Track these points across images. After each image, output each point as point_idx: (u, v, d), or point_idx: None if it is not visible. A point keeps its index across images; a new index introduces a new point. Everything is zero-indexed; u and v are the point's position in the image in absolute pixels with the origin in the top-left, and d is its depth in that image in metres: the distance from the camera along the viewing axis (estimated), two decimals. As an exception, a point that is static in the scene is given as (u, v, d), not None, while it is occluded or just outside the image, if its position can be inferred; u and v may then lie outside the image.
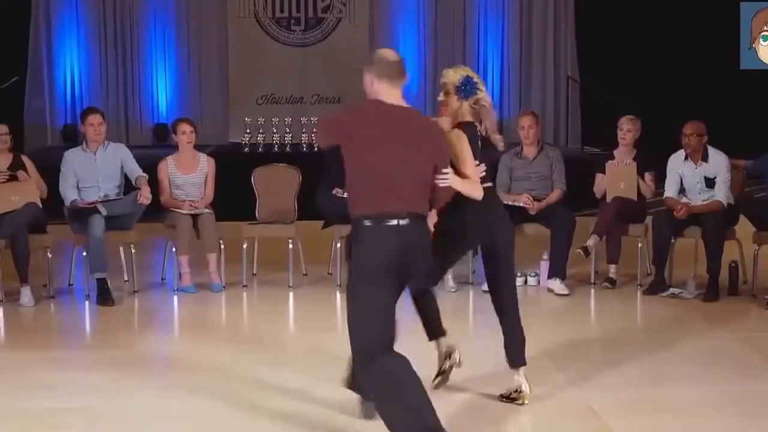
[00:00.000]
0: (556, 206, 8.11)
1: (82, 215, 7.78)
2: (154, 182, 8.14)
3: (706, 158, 7.83)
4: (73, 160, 8.04)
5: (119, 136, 13.74)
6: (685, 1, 13.75)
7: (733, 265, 7.83)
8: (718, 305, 7.52)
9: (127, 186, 8.15)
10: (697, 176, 7.86)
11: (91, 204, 7.78)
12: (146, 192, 7.83)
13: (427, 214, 4.45)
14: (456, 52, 15.16)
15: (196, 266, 8.15)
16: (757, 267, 7.75)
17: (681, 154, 7.94)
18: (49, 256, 7.87)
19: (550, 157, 8.30)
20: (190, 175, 8.26)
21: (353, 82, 15.97)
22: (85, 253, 7.78)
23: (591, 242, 7.90)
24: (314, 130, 3.98)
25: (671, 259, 7.95)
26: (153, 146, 14.17)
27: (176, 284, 8.07)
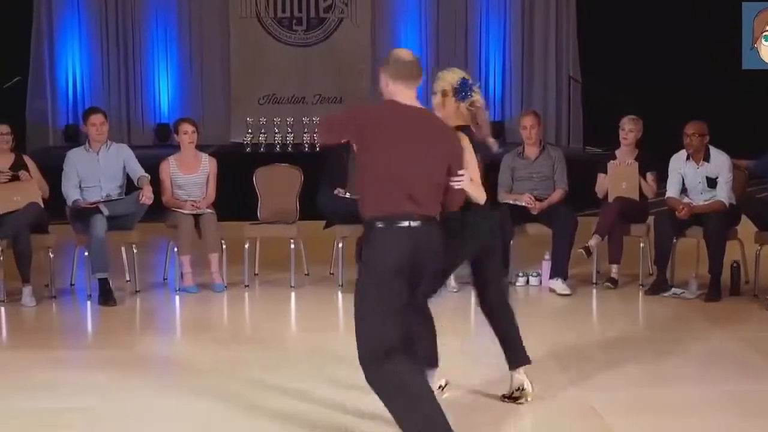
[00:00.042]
0: (557, 206, 8.11)
1: (84, 215, 7.78)
2: (155, 182, 8.14)
3: (707, 158, 7.82)
4: (76, 159, 8.04)
5: (121, 136, 13.73)
6: (686, 1, 13.74)
7: (734, 265, 7.82)
8: (719, 305, 7.51)
9: (129, 186, 8.15)
10: (699, 176, 7.85)
11: (93, 204, 7.78)
12: (148, 192, 7.82)
13: (438, 217, 4.37)
14: (458, 52, 15.15)
15: (197, 266, 8.15)
16: (758, 267, 7.74)
17: (683, 154, 7.93)
18: (51, 256, 7.87)
19: (551, 157, 8.30)
20: (191, 175, 8.26)
21: (355, 82, 15.94)
22: (86, 253, 7.78)
23: (593, 242, 7.90)
24: (318, 125, 3.87)
25: (673, 259, 7.94)
26: (155, 146, 14.16)
27: (178, 284, 8.08)
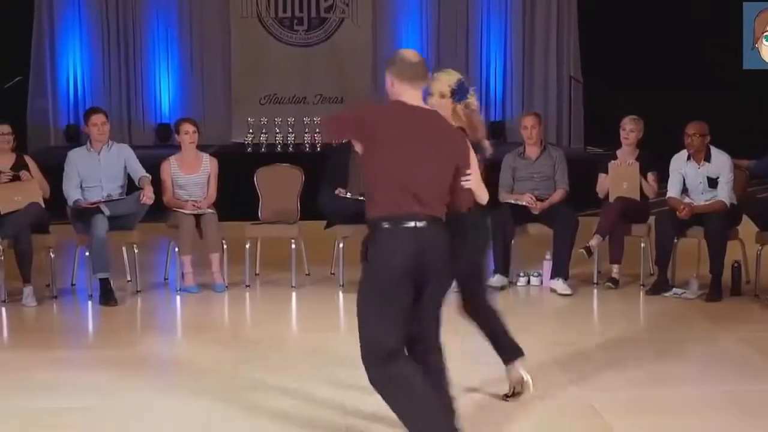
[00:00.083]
0: (558, 206, 8.11)
1: (85, 215, 7.79)
2: (156, 182, 8.14)
3: (708, 158, 7.82)
4: (77, 159, 8.04)
5: (122, 136, 13.70)
6: (687, 1, 13.73)
7: (735, 265, 7.82)
8: (720, 305, 7.51)
9: (130, 186, 8.16)
10: (700, 176, 7.85)
11: (94, 204, 7.78)
12: (149, 192, 7.82)
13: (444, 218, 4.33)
14: (459, 52, 15.15)
15: (198, 266, 8.15)
16: (759, 267, 7.74)
17: (684, 154, 7.93)
18: (52, 256, 7.88)
19: (552, 157, 8.29)
20: (192, 175, 8.26)
21: (356, 82, 15.92)
22: (87, 253, 7.78)
23: (594, 242, 7.90)
24: (322, 122, 3.84)
25: (674, 259, 7.94)
26: (155, 146, 14.14)
27: (179, 284, 8.08)
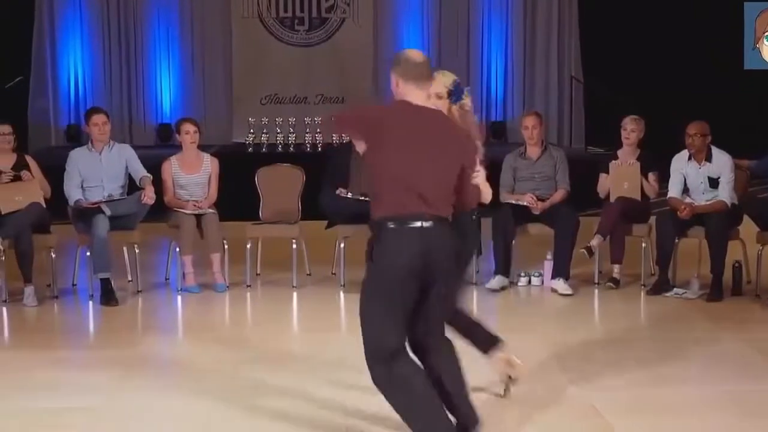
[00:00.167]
0: (559, 206, 8.11)
1: (86, 215, 7.79)
2: (157, 182, 8.14)
3: (709, 158, 7.82)
4: (79, 159, 8.05)
5: (123, 136, 13.71)
6: (688, 2, 13.73)
7: (736, 265, 7.81)
8: (721, 305, 7.51)
9: (131, 186, 8.16)
10: (701, 176, 7.85)
11: (95, 204, 7.78)
12: (150, 192, 7.83)
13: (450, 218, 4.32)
14: (460, 52, 15.15)
15: (199, 266, 8.15)
16: (760, 267, 7.74)
17: (685, 154, 7.93)
18: (53, 256, 7.88)
19: (553, 157, 8.29)
20: (193, 175, 8.26)
21: (357, 82, 15.90)
22: (88, 253, 7.79)
23: (595, 242, 7.89)
24: (327, 119, 3.84)
25: (675, 259, 7.94)
26: (156, 146, 14.15)
27: (180, 284, 8.08)
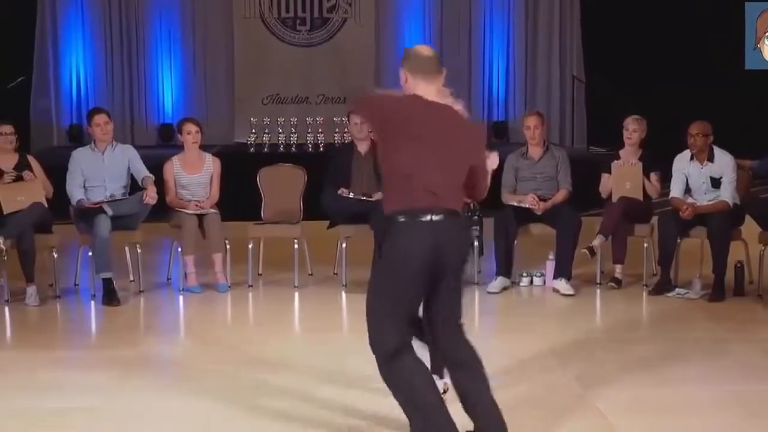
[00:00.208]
0: (561, 206, 8.10)
1: (88, 215, 7.79)
2: (159, 182, 8.15)
3: (711, 158, 7.82)
4: (81, 159, 8.05)
5: (124, 136, 13.72)
6: (689, 2, 13.72)
7: (738, 265, 7.81)
8: (723, 305, 7.50)
9: (133, 186, 8.16)
10: (703, 176, 7.84)
11: (97, 204, 7.79)
12: (152, 192, 7.83)
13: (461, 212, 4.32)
14: (461, 52, 15.15)
15: (201, 266, 8.15)
16: (762, 267, 7.73)
17: (686, 154, 7.93)
18: (55, 255, 7.89)
19: (555, 158, 8.28)
20: (195, 175, 8.27)
21: (359, 82, 15.90)
22: (90, 253, 7.79)
23: (596, 242, 7.89)
24: (353, 95, 3.86)
25: (677, 259, 7.93)
26: (158, 146, 14.17)
27: (182, 284, 8.08)
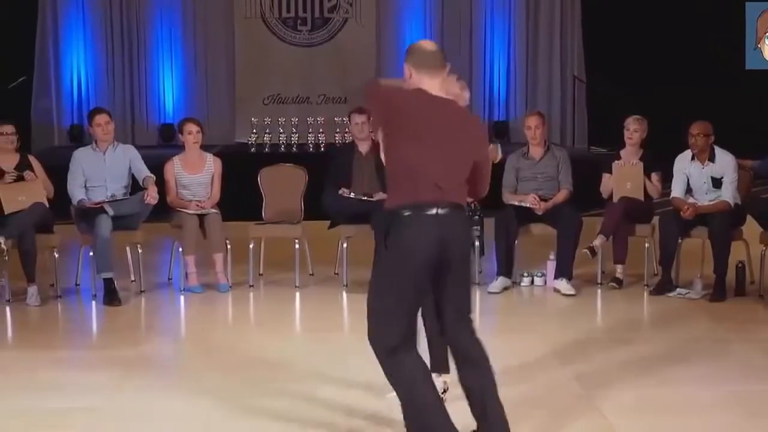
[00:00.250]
0: (562, 206, 8.10)
1: (89, 215, 7.79)
2: (160, 182, 8.15)
3: (712, 158, 7.82)
4: (82, 159, 8.06)
5: (125, 136, 13.72)
6: (690, 2, 13.71)
7: (740, 265, 7.81)
8: (724, 305, 7.50)
9: (134, 186, 8.17)
10: (704, 176, 7.84)
11: (98, 204, 7.79)
12: (153, 192, 7.83)
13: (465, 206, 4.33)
14: (462, 52, 15.15)
15: (202, 266, 8.15)
16: (764, 267, 7.71)
17: (688, 154, 7.92)
18: (56, 255, 7.89)
19: (556, 158, 8.28)
20: (196, 175, 8.27)
21: (359, 82, 16.02)
22: (91, 253, 7.78)
23: (597, 242, 7.89)
24: (357, 92, 3.85)
25: (678, 259, 7.93)
26: (159, 146, 14.17)
27: (183, 284, 8.08)
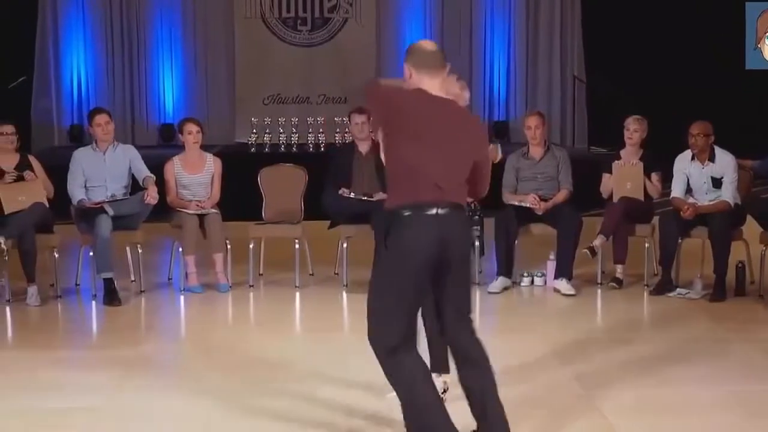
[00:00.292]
0: (562, 206, 8.10)
1: (89, 215, 7.79)
2: (160, 182, 8.15)
3: (712, 158, 7.82)
4: (82, 159, 8.06)
5: (125, 136, 13.72)
6: (690, 2, 13.71)
7: (740, 265, 7.81)
8: (724, 305, 7.50)
9: (134, 186, 8.17)
10: (704, 176, 7.84)
11: (98, 204, 7.79)
12: (153, 192, 7.84)
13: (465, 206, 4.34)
14: (462, 52, 15.15)
15: (202, 266, 8.15)
16: (764, 267, 7.71)
17: (688, 154, 7.92)
18: (56, 255, 7.89)
19: (556, 158, 8.28)
20: (196, 175, 8.26)
21: (359, 82, 16.02)
22: (91, 253, 7.78)
23: (597, 242, 7.88)
24: (364, 85, 3.85)
25: (678, 259, 7.93)
26: (159, 146, 14.16)
27: (183, 284, 8.08)
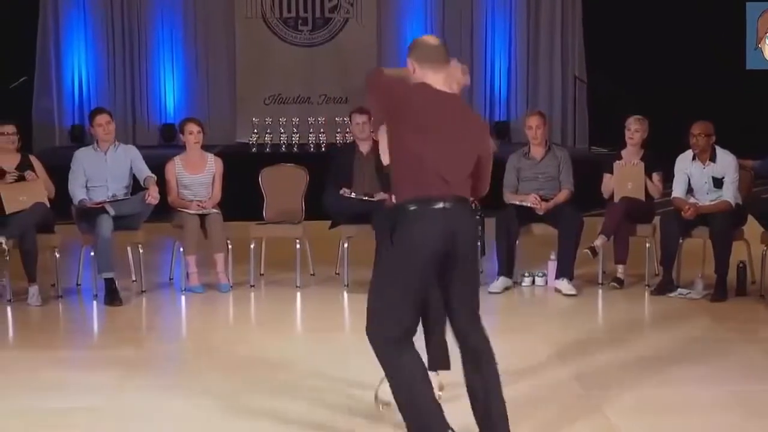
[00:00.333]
0: (563, 206, 8.10)
1: (90, 215, 7.80)
2: (161, 182, 8.15)
3: (714, 158, 7.82)
4: (84, 159, 8.06)
5: (126, 136, 13.71)
6: (691, 2, 13.71)
7: (741, 265, 7.81)
8: (725, 305, 7.50)
9: (135, 186, 8.17)
10: (705, 176, 7.84)
11: (99, 204, 7.79)
12: (154, 192, 7.84)
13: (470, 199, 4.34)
14: (463, 52, 15.11)
15: (203, 266, 8.15)
16: (765, 267, 7.72)
17: (689, 154, 7.92)
18: (57, 255, 7.89)
19: (557, 158, 8.28)
20: (197, 175, 8.27)
21: (360, 82, 15.90)
22: (92, 253, 7.79)
23: (598, 242, 7.89)
24: (367, 76, 3.85)
25: (679, 259, 7.93)
26: (160, 146, 14.16)
27: (184, 284, 8.08)
